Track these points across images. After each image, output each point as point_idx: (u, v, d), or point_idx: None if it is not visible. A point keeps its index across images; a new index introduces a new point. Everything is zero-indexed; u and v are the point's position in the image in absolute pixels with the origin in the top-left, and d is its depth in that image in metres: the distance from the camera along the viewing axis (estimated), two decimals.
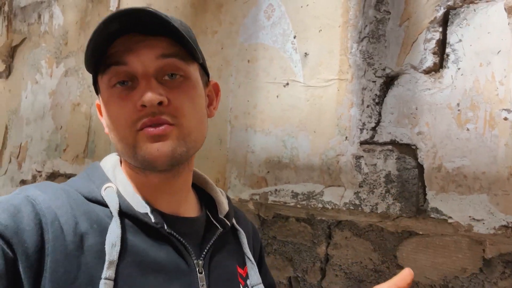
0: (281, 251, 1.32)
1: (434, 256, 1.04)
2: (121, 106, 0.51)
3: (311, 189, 1.21)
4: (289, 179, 1.25)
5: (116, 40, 0.51)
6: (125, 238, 0.49)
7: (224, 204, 0.64)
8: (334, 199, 1.17)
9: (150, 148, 0.50)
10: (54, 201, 0.48)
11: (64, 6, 2.22)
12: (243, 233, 0.65)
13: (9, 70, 2.55)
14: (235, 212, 0.68)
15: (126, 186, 0.54)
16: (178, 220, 0.56)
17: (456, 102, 0.97)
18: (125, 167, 0.56)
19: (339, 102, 1.16)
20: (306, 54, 1.24)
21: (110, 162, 0.57)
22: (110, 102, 0.53)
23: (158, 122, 0.50)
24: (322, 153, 1.19)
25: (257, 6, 1.38)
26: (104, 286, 0.44)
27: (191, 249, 0.54)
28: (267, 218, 1.37)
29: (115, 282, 0.45)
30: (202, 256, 0.56)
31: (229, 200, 0.67)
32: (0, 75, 2.58)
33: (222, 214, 0.62)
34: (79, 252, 0.46)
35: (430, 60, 1.01)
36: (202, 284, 0.53)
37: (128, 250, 0.48)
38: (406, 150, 1.06)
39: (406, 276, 0.51)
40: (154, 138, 0.50)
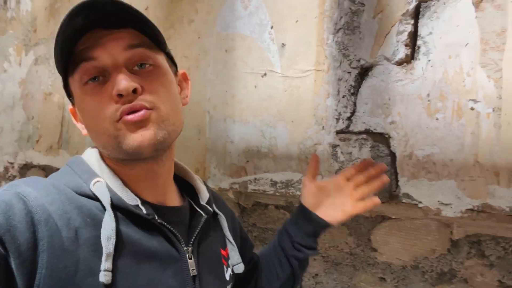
0: (261, 238, 1.36)
1: (405, 238, 1.10)
2: (96, 101, 0.52)
3: (290, 177, 1.24)
4: (268, 168, 1.28)
5: (82, 37, 0.51)
6: (119, 230, 0.50)
7: (204, 191, 0.67)
8: None
9: (133, 137, 0.51)
10: (46, 197, 0.48)
11: None
12: (223, 216, 0.68)
13: None
14: (213, 197, 0.70)
15: (114, 179, 0.55)
16: (166, 209, 0.58)
17: (426, 93, 1.01)
18: (108, 162, 0.57)
19: (316, 92, 1.19)
20: (283, 45, 1.26)
21: (94, 156, 0.57)
22: (85, 99, 0.53)
23: (136, 107, 0.51)
24: (300, 142, 1.22)
25: None
26: (104, 277, 0.46)
27: (180, 236, 0.57)
28: (247, 206, 1.40)
29: (113, 273, 0.47)
30: (191, 243, 0.58)
31: (207, 186, 0.69)
32: None
33: (203, 201, 0.65)
34: (76, 246, 0.47)
35: (402, 52, 1.05)
36: (192, 269, 0.56)
37: (122, 241, 0.50)
38: (380, 138, 1.10)
39: (313, 159, 0.80)
40: (135, 125, 0.51)
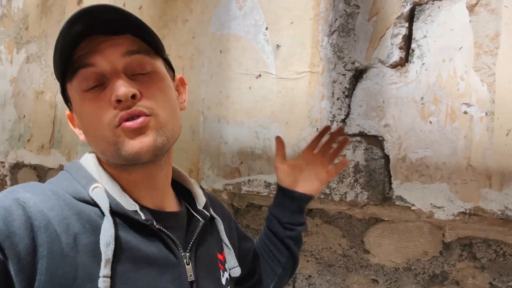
0: None
1: (398, 240, 1.10)
2: (95, 107, 0.52)
3: None
4: (262, 170, 1.28)
5: (80, 43, 0.51)
6: (118, 236, 0.50)
7: (201, 196, 0.66)
8: None
9: (132, 143, 0.51)
10: (45, 203, 0.48)
11: None
12: (220, 220, 0.68)
13: None
14: (210, 200, 0.70)
15: (112, 185, 0.55)
16: (164, 215, 0.58)
17: (420, 96, 1.02)
18: (106, 167, 0.57)
19: (311, 94, 1.19)
20: (278, 46, 1.25)
21: (92, 161, 0.57)
22: (83, 106, 0.53)
23: (135, 113, 0.51)
24: (294, 144, 1.21)
25: None
26: (102, 283, 0.46)
27: (178, 242, 0.57)
28: (241, 207, 1.40)
29: (112, 279, 0.47)
30: (188, 248, 0.58)
31: (203, 190, 0.69)
32: None
33: (200, 206, 0.65)
34: (75, 252, 0.46)
35: (397, 55, 1.05)
36: (190, 274, 0.56)
37: (121, 247, 0.50)
38: (374, 141, 1.10)
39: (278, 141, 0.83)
40: (134, 132, 0.51)
